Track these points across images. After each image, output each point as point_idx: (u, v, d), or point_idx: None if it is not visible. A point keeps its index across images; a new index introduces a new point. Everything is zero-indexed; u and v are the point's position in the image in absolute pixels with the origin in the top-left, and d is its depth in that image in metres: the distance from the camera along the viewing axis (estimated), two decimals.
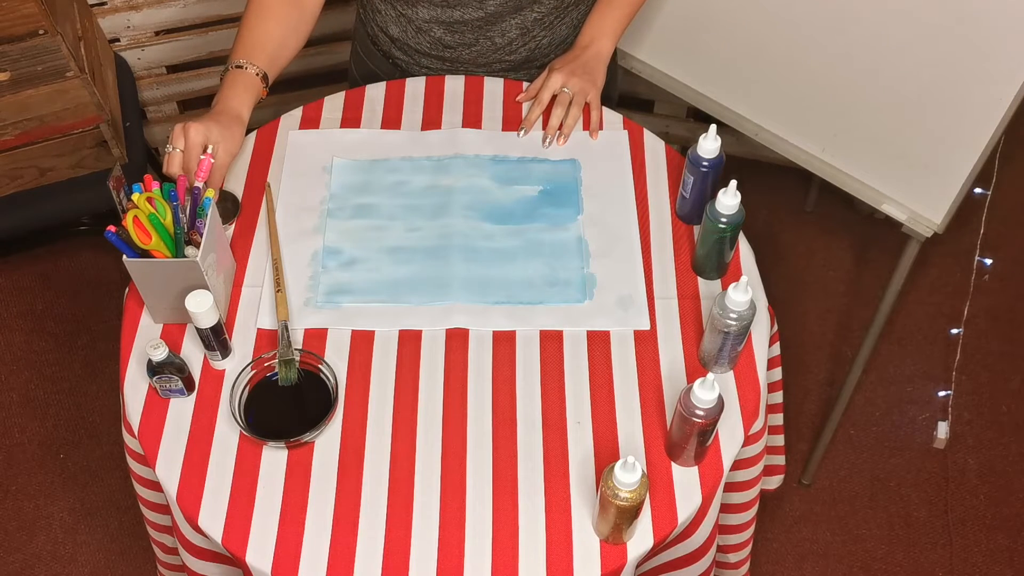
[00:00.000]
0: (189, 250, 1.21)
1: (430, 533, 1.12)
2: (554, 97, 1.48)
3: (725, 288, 1.24)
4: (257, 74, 1.37)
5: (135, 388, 1.23)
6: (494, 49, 1.54)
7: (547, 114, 1.49)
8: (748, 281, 1.14)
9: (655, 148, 1.49)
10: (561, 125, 1.47)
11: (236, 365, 1.24)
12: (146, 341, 1.23)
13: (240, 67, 1.36)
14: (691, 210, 1.38)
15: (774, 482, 1.61)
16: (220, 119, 1.31)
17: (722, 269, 1.33)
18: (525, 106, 1.52)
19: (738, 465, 1.29)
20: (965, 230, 2.02)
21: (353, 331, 1.28)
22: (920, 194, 1.54)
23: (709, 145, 1.28)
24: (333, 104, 1.53)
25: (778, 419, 1.52)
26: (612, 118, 1.53)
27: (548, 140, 1.47)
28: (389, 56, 1.61)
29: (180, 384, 1.19)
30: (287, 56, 1.43)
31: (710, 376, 1.07)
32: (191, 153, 1.27)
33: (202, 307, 1.15)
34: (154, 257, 1.19)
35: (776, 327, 1.38)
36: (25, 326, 2.22)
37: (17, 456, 2.04)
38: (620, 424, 1.20)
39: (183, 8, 2.05)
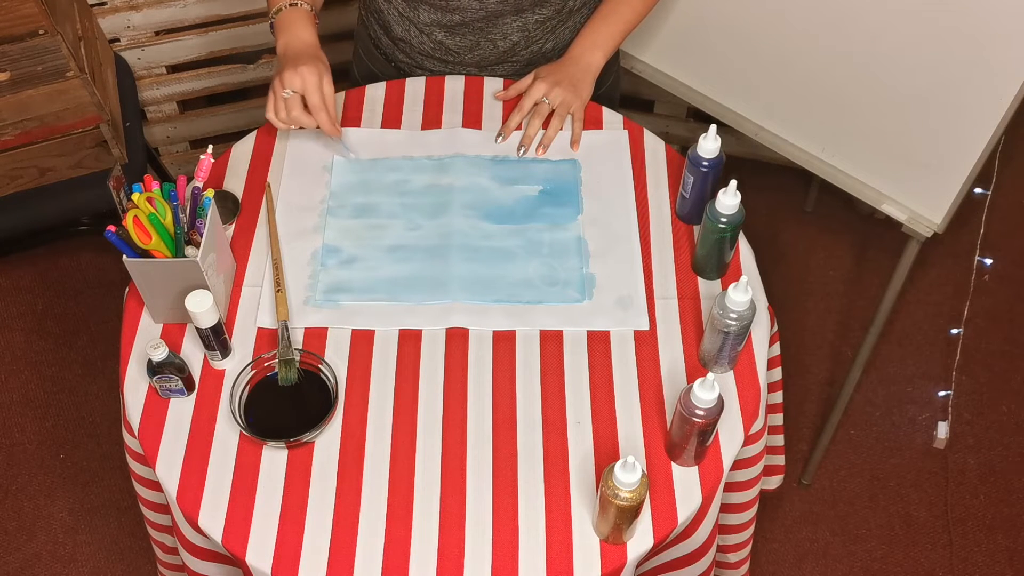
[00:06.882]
0: (189, 250, 1.21)
1: (430, 533, 1.12)
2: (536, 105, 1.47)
3: (725, 288, 1.24)
4: (311, 8, 1.41)
5: (135, 388, 1.23)
6: (496, 52, 1.53)
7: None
8: (748, 281, 1.14)
9: (655, 148, 1.49)
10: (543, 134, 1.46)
11: (236, 365, 1.24)
12: (146, 341, 1.23)
13: (294, 5, 1.39)
14: (691, 210, 1.38)
15: (774, 482, 1.61)
16: (316, 55, 1.36)
17: (722, 269, 1.33)
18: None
19: (738, 465, 1.29)
20: (965, 230, 2.02)
21: (353, 331, 1.28)
22: (920, 194, 1.54)
23: (709, 145, 1.28)
24: None
25: (778, 419, 1.52)
26: (612, 118, 1.53)
27: (523, 150, 1.46)
28: (392, 59, 1.61)
29: (180, 384, 1.19)
30: None
31: (710, 376, 1.07)
32: (312, 93, 1.33)
33: (202, 307, 1.15)
34: (154, 257, 1.19)
35: (776, 327, 1.38)
36: (25, 326, 2.22)
37: (17, 456, 2.04)
38: (620, 424, 1.20)
39: (183, 8, 2.05)
